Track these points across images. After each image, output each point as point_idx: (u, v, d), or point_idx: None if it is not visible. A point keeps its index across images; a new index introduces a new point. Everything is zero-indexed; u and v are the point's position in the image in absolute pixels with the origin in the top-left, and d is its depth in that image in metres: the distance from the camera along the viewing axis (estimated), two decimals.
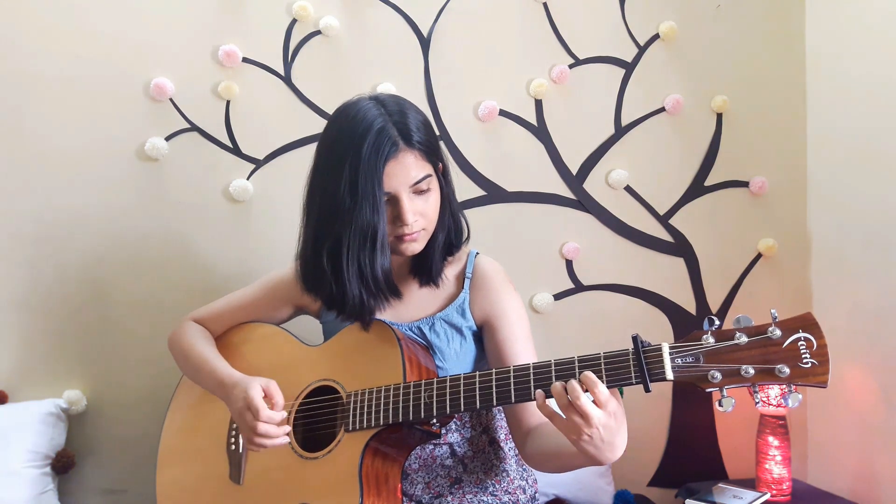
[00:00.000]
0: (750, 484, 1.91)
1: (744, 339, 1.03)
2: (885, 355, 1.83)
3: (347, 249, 1.23)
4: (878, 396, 1.85)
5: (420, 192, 1.26)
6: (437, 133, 1.34)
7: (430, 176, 1.26)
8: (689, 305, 2.11)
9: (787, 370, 1.00)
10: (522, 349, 1.34)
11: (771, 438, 1.88)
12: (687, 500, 1.78)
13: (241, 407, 1.24)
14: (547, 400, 1.09)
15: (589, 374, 1.05)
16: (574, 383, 1.05)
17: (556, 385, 1.07)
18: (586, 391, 1.05)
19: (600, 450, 1.07)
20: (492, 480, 1.35)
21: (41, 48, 1.77)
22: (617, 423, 1.06)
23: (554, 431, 1.20)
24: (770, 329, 1.02)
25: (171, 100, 1.84)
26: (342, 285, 1.26)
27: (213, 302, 1.53)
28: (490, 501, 1.32)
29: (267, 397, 1.25)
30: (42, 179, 1.78)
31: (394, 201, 1.24)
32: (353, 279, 1.25)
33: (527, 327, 1.38)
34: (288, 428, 1.24)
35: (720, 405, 1.03)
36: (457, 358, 1.35)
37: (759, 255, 2.13)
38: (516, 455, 1.42)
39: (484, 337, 1.38)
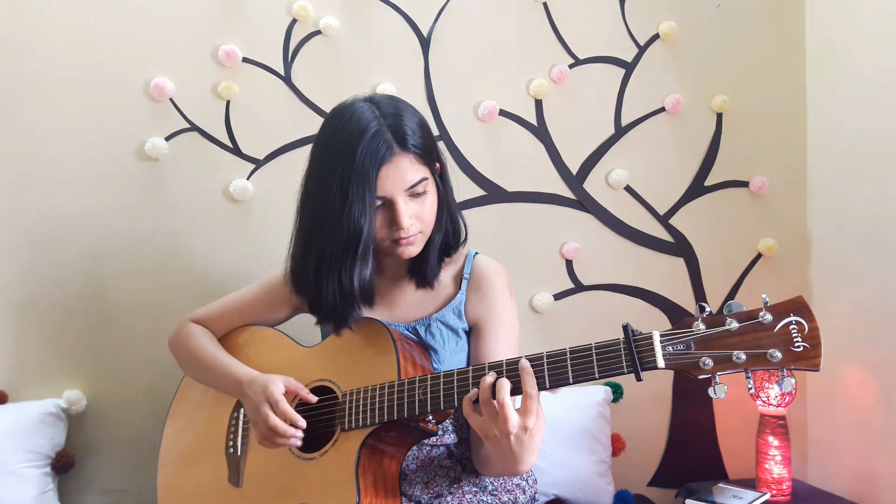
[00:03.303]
0: (750, 484, 1.91)
1: (735, 324, 1.02)
2: (885, 355, 1.83)
3: (331, 256, 1.23)
4: (878, 396, 1.85)
5: (416, 196, 1.25)
6: (437, 133, 1.34)
7: (425, 179, 1.25)
8: (689, 305, 2.11)
9: (778, 354, 1.00)
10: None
11: (771, 438, 1.87)
12: (687, 500, 1.78)
13: (260, 402, 1.24)
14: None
15: (525, 365, 1.10)
16: (503, 382, 1.09)
17: (487, 378, 1.11)
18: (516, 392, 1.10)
19: (506, 457, 1.11)
20: (491, 480, 1.35)
21: (41, 48, 1.77)
22: (528, 438, 1.09)
23: None
24: (761, 314, 1.01)
25: (171, 100, 1.84)
26: (319, 290, 1.26)
27: (212, 303, 1.53)
28: (490, 501, 1.32)
29: (288, 393, 1.26)
30: (42, 179, 1.78)
31: (389, 205, 1.23)
32: (330, 286, 1.25)
33: (515, 339, 1.36)
34: (303, 425, 1.24)
35: (713, 392, 1.03)
36: (452, 358, 1.34)
37: (759, 255, 2.13)
38: None
39: (471, 337, 1.37)
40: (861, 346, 1.89)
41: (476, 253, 1.42)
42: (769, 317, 1.01)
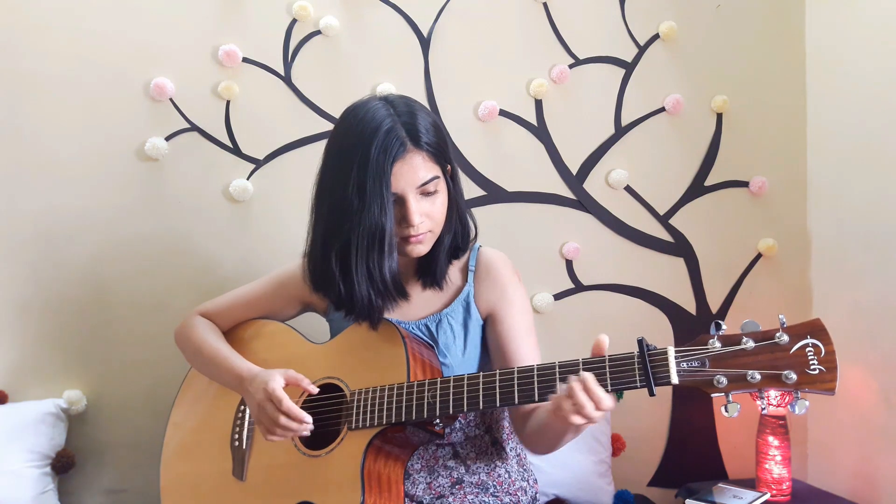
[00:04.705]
0: (750, 484, 1.91)
1: (751, 343, 1.02)
2: (885, 355, 1.83)
3: (356, 251, 1.23)
4: (878, 396, 1.85)
5: (427, 194, 1.26)
6: (447, 135, 1.34)
7: (437, 178, 1.26)
8: (689, 305, 2.11)
9: (794, 376, 1.00)
10: (523, 342, 1.34)
11: (771, 438, 1.88)
12: (687, 500, 1.78)
13: (261, 399, 1.24)
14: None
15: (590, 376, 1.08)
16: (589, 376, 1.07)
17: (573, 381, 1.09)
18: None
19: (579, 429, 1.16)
20: (493, 481, 1.35)
21: (41, 48, 1.77)
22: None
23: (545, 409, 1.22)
24: (777, 334, 1.02)
25: (171, 100, 1.84)
26: (351, 286, 1.26)
27: (220, 297, 1.53)
28: (491, 502, 1.32)
29: (289, 386, 1.25)
30: (42, 180, 1.78)
31: (400, 202, 1.24)
32: (361, 281, 1.25)
33: (530, 320, 1.38)
34: (309, 420, 1.23)
35: (725, 410, 1.03)
36: (463, 354, 1.35)
37: (759, 255, 2.13)
38: (518, 455, 1.43)
39: (487, 329, 1.38)
40: (861, 346, 1.89)
41: (480, 246, 1.43)
42: (786, 338, 1.01)
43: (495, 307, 1.36)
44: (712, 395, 1.03)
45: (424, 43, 1.96)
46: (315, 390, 1.28)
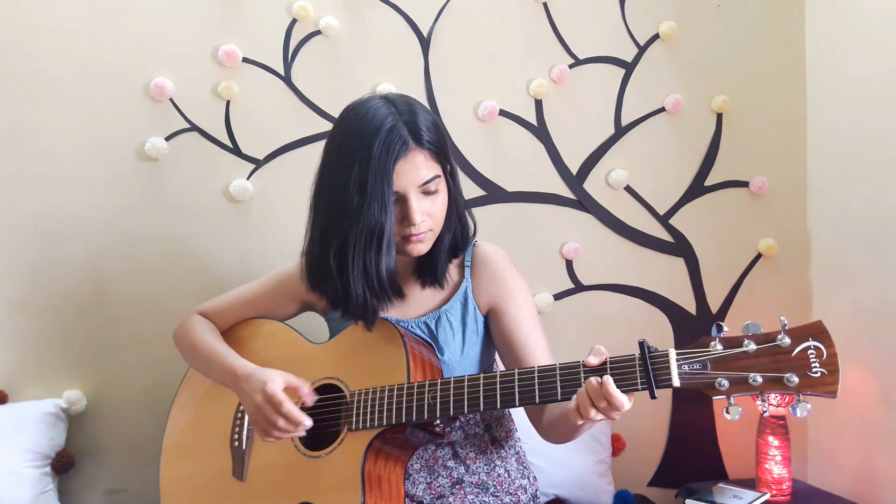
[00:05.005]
0: (750, 484, 1.91)
1: (752, 346, 1.02)
2: (885, 355, 1.83)
3: (354, 248, 1.23)
4: (878, 396, 1.85)
5: (428, 193, 1.26)
6: (447, 134, 1.34)
7: (438, 177, 1.26)
8: (689, 305, 2.11)
9: (795, 379, 0.99)
10: (530, 333, 1.34)
11: (771, 438, 1.88)
12: (687, 500, 1.78)
13: (259, 400, 1.23)
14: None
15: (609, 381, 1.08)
16: (609, 380, 1.07)
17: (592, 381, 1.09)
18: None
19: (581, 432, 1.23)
20: (493, 481, 1.35)
21: (41, 49, 1.77)
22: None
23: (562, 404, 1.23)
24: (779, 337, 1.01)
25: (171, 100, 1.84)
26: (346, 285, 1.26)
27: (219, 296, 1.53)
28: (492, 502, 1.32)
29: (288, 390, 1.25)
30: (42, 180, 1.78)
31: (402, 201, 1.24)
32: (357, 279, 1.25)
33: (534, 310, 1.38)
34: (310, 423, 1.23)
35: (727, 413, 1.02)
36: (462, 350, 1.35)
37: (759, 255, 2.13)
38: (517, 453, 1.43)
39: (490, 323, 1.38)
40: (861, 346, 1.89)
41: (475, 241, 1.43)
42: (787, 340, 1.01)
43: (496, 300, 1.36)
44: (714, 397, 1.03)
45: (424, 43, 1.96)
46: (311, 402, 1.27)
